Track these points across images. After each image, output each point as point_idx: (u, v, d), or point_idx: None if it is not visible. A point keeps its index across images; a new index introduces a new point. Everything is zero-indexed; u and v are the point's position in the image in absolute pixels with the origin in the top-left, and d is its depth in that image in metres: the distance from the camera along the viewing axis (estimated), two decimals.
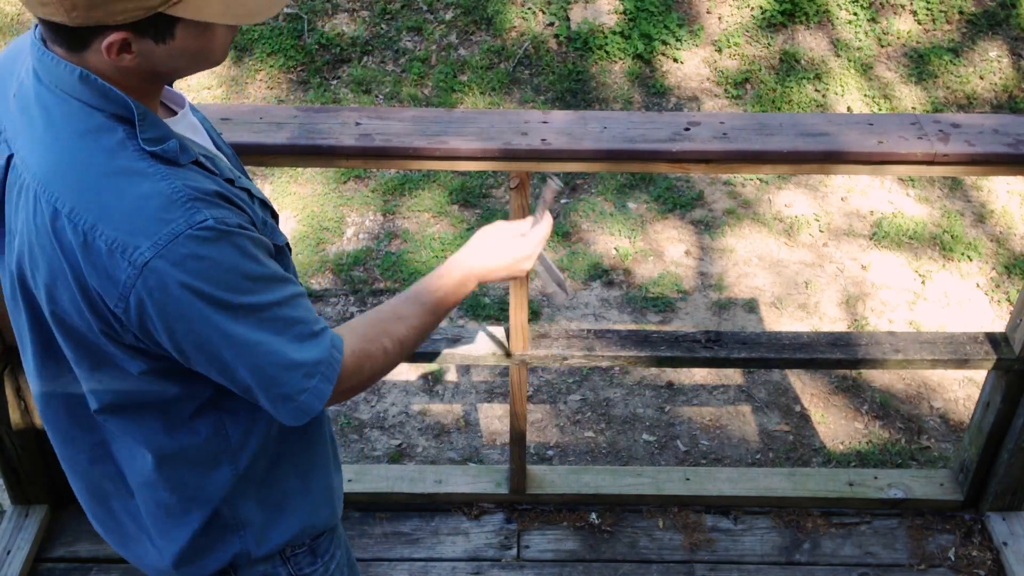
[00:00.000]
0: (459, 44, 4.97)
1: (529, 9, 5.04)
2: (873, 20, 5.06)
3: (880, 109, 4.73)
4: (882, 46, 5.00)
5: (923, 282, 3.92)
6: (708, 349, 2.32)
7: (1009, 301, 3.83)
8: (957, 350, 2.31)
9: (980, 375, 3.29)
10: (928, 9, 5.08)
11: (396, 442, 3.27)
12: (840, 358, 2.32)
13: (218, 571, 1.45)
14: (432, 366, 3.52)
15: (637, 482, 2.64)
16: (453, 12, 5.06)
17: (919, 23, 5.07)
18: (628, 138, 1.92)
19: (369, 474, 2.64)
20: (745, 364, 2.35)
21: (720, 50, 4.95)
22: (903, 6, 5.10)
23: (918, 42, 5.01)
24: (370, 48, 4.95)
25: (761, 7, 5.04)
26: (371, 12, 5.08)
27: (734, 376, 3.52)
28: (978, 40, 5.02)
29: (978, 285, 3.92)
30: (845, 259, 4.03)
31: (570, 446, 3.28)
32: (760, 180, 4.38)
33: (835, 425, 3.36)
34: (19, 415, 2.37)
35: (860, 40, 5.00)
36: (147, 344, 1.17)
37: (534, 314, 3.74)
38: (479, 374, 3.54)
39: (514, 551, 2.52)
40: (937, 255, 4.05)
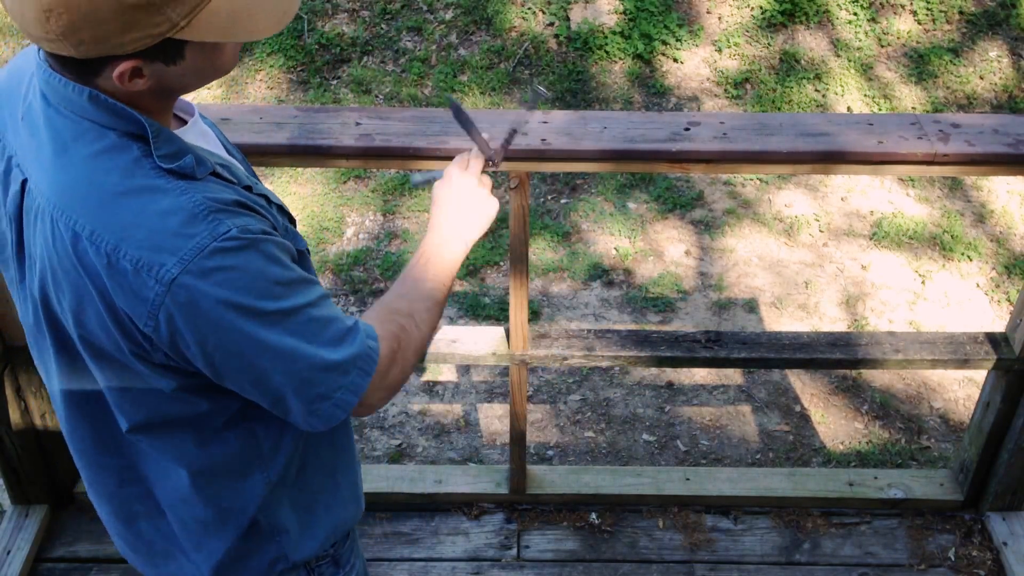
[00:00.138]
0: (459, 44, 4.97)
1: (529, 9, 5.04)
2: (873, 20, 5.06)
3: (880, 109, 4.73)
4: (882, 46, 5.00)
5: (923, 282, 3.92)
6: (708, 349, 2.32)
7: (1009, 301, 3.83)
8: (957, 350, 2.31)
9: (980, 375, 3.29)
10: (928, 9, 5.08)
11: (396, 442, 3.27)
12: (840, 358, 2.32)
13: None
14: (432, 366, 3.52)
15: (637, 482, 2.64)
16: (453, 12, 5.06)
17: (919, 23, 5.07)
18: (628, 138, 1.92)
19: (369, 474, 2.64)
20: (745, 364, 2.35)
21: (720, 50, 4.95)
22: (903, 6, 5.10)
23: (918, 42, 5.01)
24: (370, 48, 4.95)
25: (761, 7, 5.04)
26: (371, 12, 5.08)
27: (734, 376, 3.52)
28: (978, 40, 5.02)
29: (978, 285, 3.92)
30: (845, 259, 4.03)
31: (570, 446, 3.28)
32: (760, 180, 4.38)
33: (835, 425, 3.36)
34: (19, 415, 2.37)
35: (860, 40, 5.00)
36: (178, 362, 1.16)
37: (534, 314, 3.74)
38: (479, 374, 3.54)
39: (514, 551, 2.52)
40: (937, 255, 4.05)
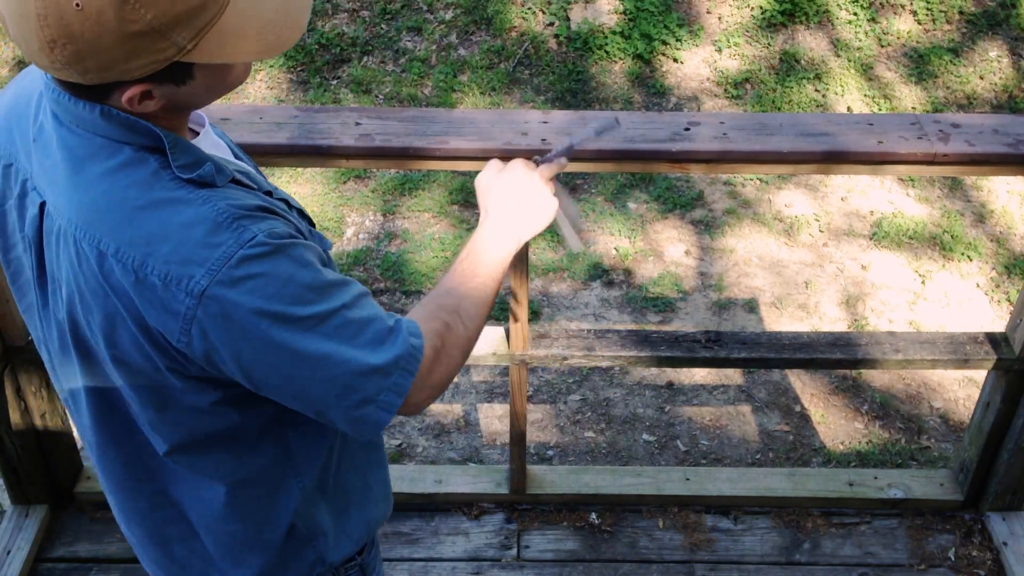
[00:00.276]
0: (459, 44, 4.97)
1: (529, 9, 5.04)
2: (873, 20, 5.06)
3: (880, 109, 4.73)
4: (882, 46, 5.00)
5: (923, 282, 3.92)
6: (708, 349, 2.32)
7: (1009, 301, 3.83)
8: (957, 350, 2.31)
9: (980, 375, 3.29)
10: (928, 9, 5.08)
11: (396, 442, 3.27)
12: (840, 358, 2.32)
13: None
14: None
15: (637, 482, 2.64)
16: (453, 12, 5.06)
17: (919, 23, 5.07)
18: (628, 138, 1.92)
19: None
20: (745, 364, 2.35)
21: (720, 50, 4.95)
22: (903, 6, 5.10)
23: (918, 42, 5.01)
24: (370, 48, 4.95)
25: (761, 7, 5.04)
26: (371, 12, 5.08)
27: (734, 376, 3.51)
28: (978, 40, 5.02)
29: (978, 285, 3.92)
30: (845, 259, 4.03)
31: (570, 446, 3.28)
32: (760, 180, 4.38)
33: (835, 425, 3.36)
34: (19, 415, 2.37)
35: (860, 40, 5.00)
36: (213, 374, 1.13)
37: (534, 314, 3.74)
38: (479, 374, 3.54)
39: (514, 551, 2.52)
40: (937, 255, 4.05)
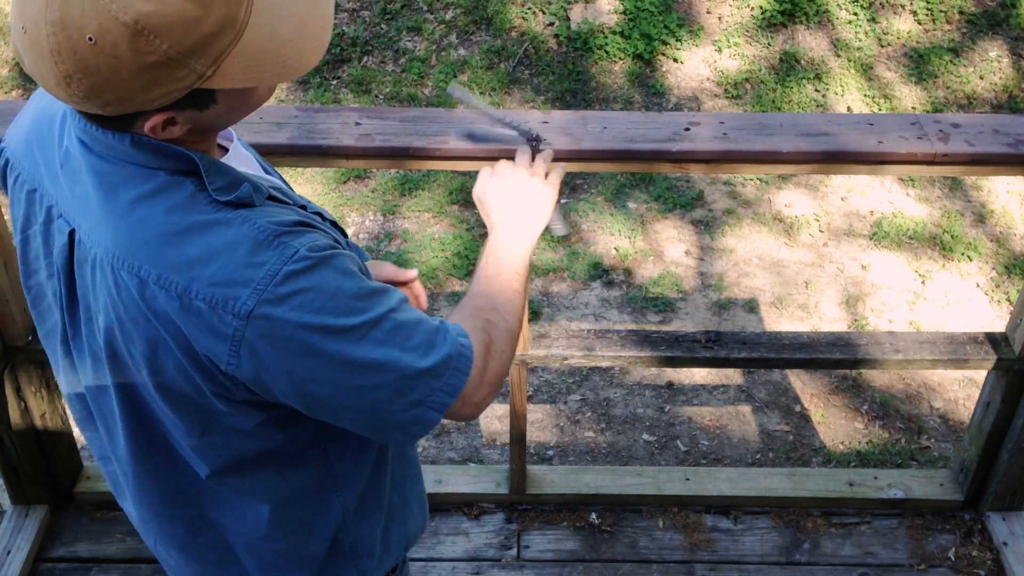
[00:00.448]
0: (459, 44, 4.97)
1: (529, 9, 5.04)
2: (873, 20, 5.06)
3: (880, 109, 4.73)
4: (882, 46, 5.00)
5: (923, 282, 3.92)
6: (708, 349, 2.32)
7: (1009, 301, 3.83)
8: (957, 350, 2.31)
9: (980, 375, 3.29)
10: (928, 9, 5.08)
11: None
12: (840, 358, 2.32)
13: None
14: None
15: (637, 482, 2.64)
16: (453, 12, 5.06)
17: (919, 23, 5.07)
18: (628, 138, 1.92)
19: None
20: (745, 364, 2.35)
21: (720, 50, 4.95)
22: (903, 6, 5.10)
23: (918, 42, 5.01)
24: (370, 48, 4.95)
25: (761, 7, 5.04)
26: (371, 12, 5.08)
27: (734, 376, 3.52)
28: (978, 40, 5.02)
29: (978, 285, 3.92)
30: (845, 259, 4.03)
31: (570, 446, 3.28)
32: (760, 180, 4.38)
33: (835, 425, 3.36)
34: (19, 415, 2.37)
35: (860, 40, 5.00)
36: (260, 395, 1.12)
37: (534, 314, 3.74)
38: None
39: (514, 551, 2.52)
40: (937, 255, 4.05)
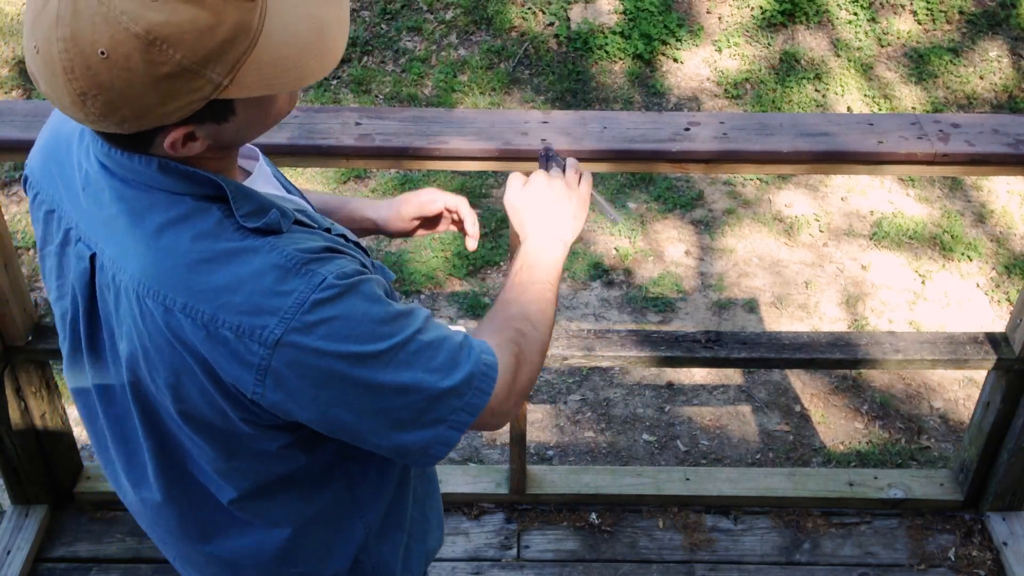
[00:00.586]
0: (459, 44, 4.97)
1: (529, 9, 5.04)
2: (873, 20, 5.06)
3: (880, 109, 4.73)
4: (882, 46, 5.00)
5: (923, 282, 3.93)
6: (708, 349, 2.32)
7: (1009, 301, 3.83)
8: (957, 350, 2.31)
9: (980, 375, 3.29)
10: (928, 9, 5.08)
11: None
12: (840, 358, 2.32)
13: None
14: None
15: (637, 482, 2.64)
16: (453, 12, 5.07)
17: (919, 23, 5.07)
18: (628, 138, 1.92)
19: None
20: (745, 364, 2.35)
21: (720, 50, 4.95)
22: (903, 6, 5.10)
23: (918, 42, 5.01)
24: (370, 48, 4.95)
25: (761, 7, 5.04)
26: (371, 12, 5.08)
27: (734, 376, 3.52)
28: (978, 40, 5.02)
29: (978, 285, 3.92)
30: (845, 259, 4.03)
31: (570, 446, 3.28)
32: (760, 180, 4.38)
33: (835, 425, 3.36)
34: (19, 415, 2.37)
35: (860, 40, 5.00)
36: (285, 419, 1.11)
37: None
38: None
39: (514, 551, 2.52)
40: (937, 255, 4.05)
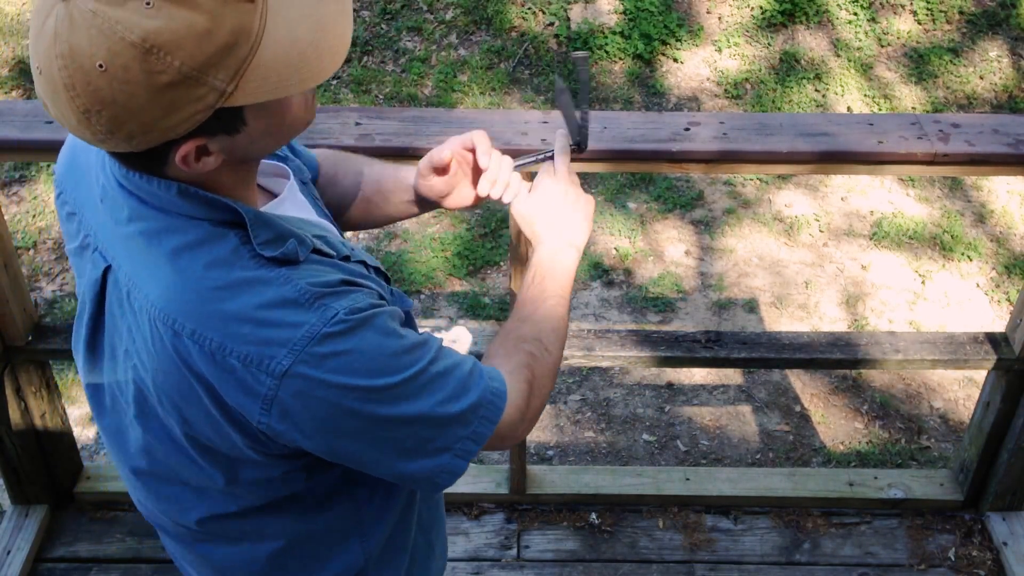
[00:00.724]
0: (459, 44, 4.97)
1: (529, 9, 5.04)
2: (873, 20, 5.06)
3: (880, 109, 4.73)
4: (882, 46, 5.00)
5: (923, 282, 3.93)
6: (708, 349, 2.32)
7: (1009, 301, 3.83)
8: (957, 350, 2.31)
9: (980, 375, 3.29)
10: (928, 9, 5.08)
11: None
12: (840, 358, 2.32)
13: None
14: None
15: (637, 482, 2.64)
16: (453, 12, 5.06)
17: (919, 23, 5.07)
18: (628, 138, 1.92)
19: None
20: (745, 364, 2.35)
21: (720, 50, 4.95)
22: (903, 6, 5.10)
23: (918, 42, 5.01)
24: (370, 48, 4.95)
25: (761, 7, 5.04)
26: (371, 12, 5.08)
27: (734, 376, 3.52)
28: (978, 40, 5.02)
29: (978, 285, 3.92)
30: (845, 259, 4.03)
31: (570, 446, 3.28)
32: (760, 180, 4.38)
33: (835, 425, 3.36)
34: (19, 415, 2.36)
35: (860, 40, 5.00)
36: (290, 448, 1.11)
37: None
38: None
39: (514, 551, 2.52)
40: (937, 255, 4.05)
